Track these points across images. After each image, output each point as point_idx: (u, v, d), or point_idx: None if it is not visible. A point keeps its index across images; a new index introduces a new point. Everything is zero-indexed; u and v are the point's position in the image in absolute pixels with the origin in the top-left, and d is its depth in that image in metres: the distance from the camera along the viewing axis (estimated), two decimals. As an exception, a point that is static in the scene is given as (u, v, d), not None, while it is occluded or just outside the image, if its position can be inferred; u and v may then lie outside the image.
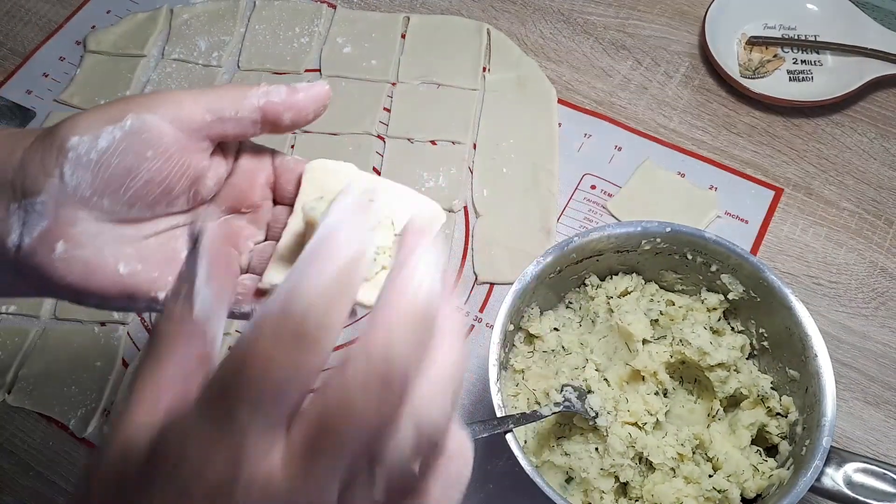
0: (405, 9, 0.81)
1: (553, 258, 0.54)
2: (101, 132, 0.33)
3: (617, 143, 0.72)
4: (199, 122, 0.35)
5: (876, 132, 0.72)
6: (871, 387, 0.60)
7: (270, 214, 0.40)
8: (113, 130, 0.33)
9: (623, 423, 0.54)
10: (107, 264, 0.35)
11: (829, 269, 0.65)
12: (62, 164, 0.33)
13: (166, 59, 0.80)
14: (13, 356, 0.65)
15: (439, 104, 0.75)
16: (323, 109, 0.37)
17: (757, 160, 0.70)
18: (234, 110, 0.35)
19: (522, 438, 0.56)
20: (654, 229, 0.55)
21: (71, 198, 0.33)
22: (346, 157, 0.72)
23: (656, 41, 0.78)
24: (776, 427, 0.53)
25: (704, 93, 0.74)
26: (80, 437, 0.62)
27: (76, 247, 0.34)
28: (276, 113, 0.36)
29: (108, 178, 0.33)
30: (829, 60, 0.75)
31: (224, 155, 0.38)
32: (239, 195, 0.39)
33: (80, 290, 0.35)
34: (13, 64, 0.81)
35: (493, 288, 0.66)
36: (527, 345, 0.59)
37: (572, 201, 0.69)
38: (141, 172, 0.34)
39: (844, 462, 0.48)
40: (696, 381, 0.57)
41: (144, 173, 0.34)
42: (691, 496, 0.52)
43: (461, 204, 0.70)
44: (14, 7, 0.85)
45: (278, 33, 0.80)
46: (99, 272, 0.34)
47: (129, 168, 0.34)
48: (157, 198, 0.35)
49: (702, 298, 0.58)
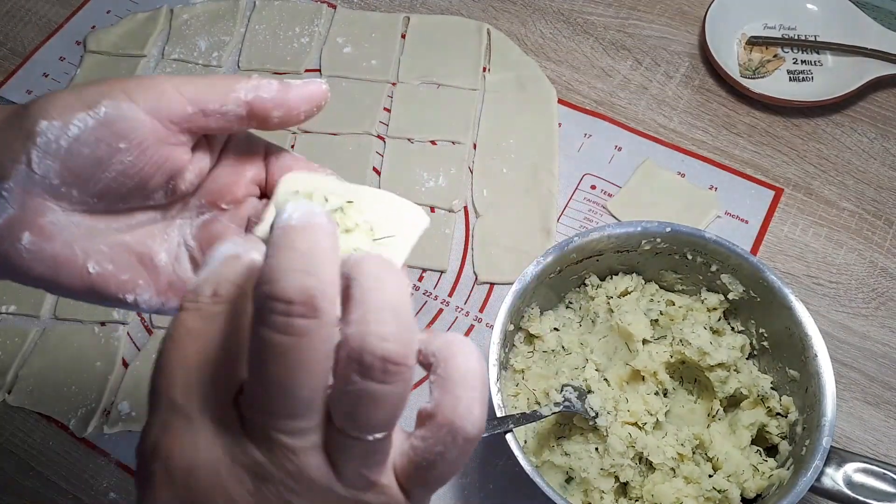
0: (405, 9, 0.81)
1: (553, 258, 0.54)
2: (73, 118, 0.31)
3: (617, 143, 0.72)
4: (180, 114, 0.32)
5: (876, 132, 0.72)
6: (871, 387, 0.60)
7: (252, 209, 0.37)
8: (85, 117, 0.31)
9: (623, 423, 0.54)
10: (76, 260, 0.33)
11: (829, 269, 0.65)
12: (30, 151, 0.31)
13: (166, 60, 0.80)
14: (13, 356, 0.65)
15: (439, 104, 0.75)
16: (316, 110, 0.34)
17: (757, 160, 0.70)
18: (220, 103, 0.33)
19: (522, 438, 0.56)
20: (654, 229, 0.55)
21: (38, 186, 0.31)
22: (346, 156, 0.72)
23: (656, 41, 0.78)
24: (776, 427, 0.53)
25: (704, 93, 0.74)
26: (80, 437, 0.62)
27: (44, 239, 0.32)
28: (265, 109, 0.33)
29: (77, 168, 0.31)
30: (829, 60, 0.75)
31: (209, 147, 0.36)
32: (221, 189, 0.36)
33: (48, 282, 0.33)
34: (13, 64, 0.81)
35: (493, 288, 0.66)
36: (527, 345, 0.59)
37: (572, 201, 0.69)
38: (113, 164, 0.32)
39: (844, 462, 0.48)
40: (696, 381, 0.57)
41: (117, 165, 0.32)
42: (691, 496, 0.52)
43: (461, 204, 0.70)
44: (14, 7, 0.85)
45: (278, 33, 0.80)
46: (67, 268, 0.33)
47: (100, 159, 0.32)
48: (131, 191, 0.33)
49: (702, 298, 0.58)
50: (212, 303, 0.27)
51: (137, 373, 0.63)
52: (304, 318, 0.23)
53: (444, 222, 0.69)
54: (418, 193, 0.70)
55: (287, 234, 0.25)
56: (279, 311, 0.23)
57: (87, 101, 0.31)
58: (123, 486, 0.60)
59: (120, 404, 0.62)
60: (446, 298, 0.66)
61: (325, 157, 0.72)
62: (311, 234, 0.25)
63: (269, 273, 0.24)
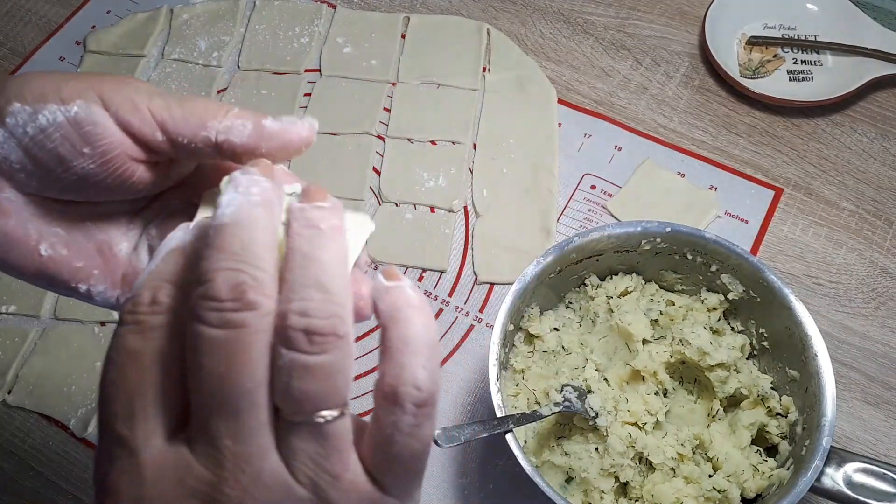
0: (405, 9, 0.81)
1: (553, 258, 0.54)
2: (44, 108, 0.30)
3: (617, 143, 0.72)
4: (149, 137, 0.31)
5: (876, 132, 0.72)
6: (871, 387, 0.60)
7: None
8: (56, 111, 0.30)
9: (623, 423, 0.54)
10: (28, 241, 0.32)
11: (829, 269, 0.65)
12: None
13: (166, 59, 0.80)
14: (13, 356, 0.65)
15: (439, 104, 0.75)
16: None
17: (757, 160, 0.70)
18: (189, 139, 0.31)
19: (522, 438, 0.56)
20: (654, 229, 0.55)
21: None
22: (346, 156, 0.72)
23: (656, 41, 0.78)
24: (776, 427, 0.53)
25: (704, 93, 0.74)
26: (80, 437, 0.62)
27: None
28: (234, 153, 0.31)
29: (39, 159, 0.30)
30: (829, 60, 0.75)
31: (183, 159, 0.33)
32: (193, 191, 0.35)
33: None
34: (13, 64, 0.81)
35: (493, 288, 0.66)
36: (527, 345, 0.59)
37: (572, 201, 0.69)
38: (74, 167, 0.30)
39: (844, 462, 0.48)
40: (696, 381, 0.57)
41: (77, 169, 0.30)
42: (691, 496, 0.52)
43: (461, 204, 0.70)
44: (14, 7, 0.85)
45: (278, 33, 0.80)
46: (18, 247, 0.32)
47: (62, 158, 0.30)
48: (92, 193, 0.32)
49: (702, 298, 0.58)
50: (150, 313, 0.25)
51: (137, 373, 0.63)
52: (237, 312, 0.23)
53: (444, 222, 0.69)
54: (418, 193, 0.70)
55: (219, 233, 0.25)
56: (213, 308, 0.23)
57: (63, 93, 0.30)
58: (123, 486, 0.60)
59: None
60: (446, 298, 0.66)
61: (325, 157, 0.72)
62: (245, 230, 0.25)
63: (203, 274, 0.24)
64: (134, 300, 0.26)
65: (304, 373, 0.24)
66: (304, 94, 0.77)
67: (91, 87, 0.30)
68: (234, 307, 0.23)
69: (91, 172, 0.31)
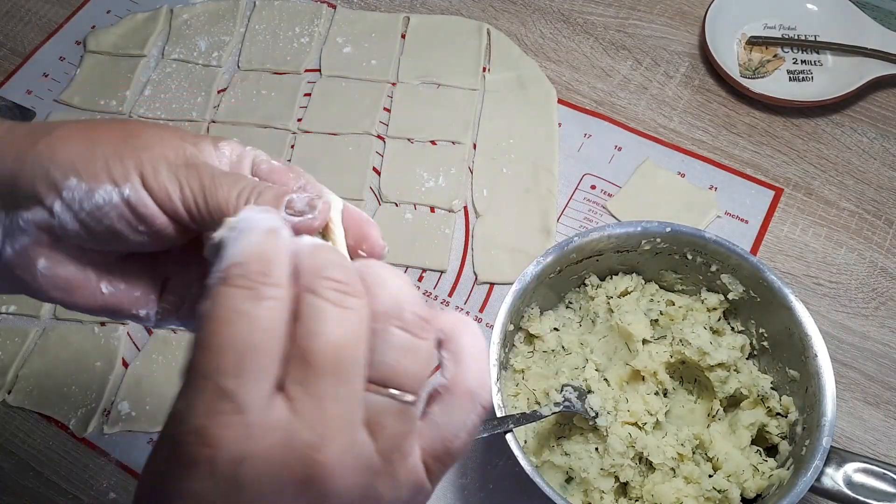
0: (405, 9, 0.81)
1: (553, 258, 0.54)
2: (99, 187, 0.32)
3: (617, 143, 0.72)
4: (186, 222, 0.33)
5: (876, 132, 0.72)
6: (871, 387, 0.60)
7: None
8: (112, 192, 0.32)
9: (623, 423, 0.54)
10: (89, 283, 0.35)
11: (829, 269, 0.65)
12: (53, 202, 0.32)
13: (166, 59, 0.80)
14: (13, 356, 0.65)
15: (439, 104, 0.75)
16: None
17: (757, 160, 0.70)
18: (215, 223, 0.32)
19: (522, 438, 0.56)
20: (654, 229, 0.55)
21: (56, 229, 0.32)
22: (346, 156, 0.72)
23: (656, 41, 0.78)
24: (776, 427, 0.53)
25: (704, 93, 0.74)
26: (80, 437, 0.62)
27: (58, 265, 0.34)
28: None
29: (94, 232, 0.33)
30: (829, 60, 0.75)
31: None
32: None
33: (64, 302, 0.35)
34: (13, 64, 0.81)
35: (493, 288, 0.66)
36: (527, 345, 0.59)
37: (572, 201, 0.69)
38: (129, 240, 0.33)
39: (844, 462, 0.48)
40: (696, 381, 0.57)
41: (132, 242, 0.33)
42: (691, 496, 0.52)
43: (461, 204, 0.70)
44: (14, 7, 0.85)
45: (278, 33, 0.80)
46: (81, 290, 0.34)
47: (118, 233, 0.33)
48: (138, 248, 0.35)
49: (702, 298, 0.58)
50: (263, 283, 0.26)
51: (137, 373, 0.63)
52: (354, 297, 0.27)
53: (444, 222, 0.69)
54: (418, 193, 0.70)
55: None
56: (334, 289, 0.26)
57: (115, 172, 0.32)
58: (123, 486, 0.60)
59: (120, 404, 0.62)
60: (446, 298, 0.66)
61: (325, 157, 0.72)
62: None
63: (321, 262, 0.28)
64: (242, 264, 0.27)
65: (415, 354, 0.27)
66: (304, 94, 0.77)
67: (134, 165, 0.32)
68: (353, 292, 0.27)
69: (143, 246, 0.34)
